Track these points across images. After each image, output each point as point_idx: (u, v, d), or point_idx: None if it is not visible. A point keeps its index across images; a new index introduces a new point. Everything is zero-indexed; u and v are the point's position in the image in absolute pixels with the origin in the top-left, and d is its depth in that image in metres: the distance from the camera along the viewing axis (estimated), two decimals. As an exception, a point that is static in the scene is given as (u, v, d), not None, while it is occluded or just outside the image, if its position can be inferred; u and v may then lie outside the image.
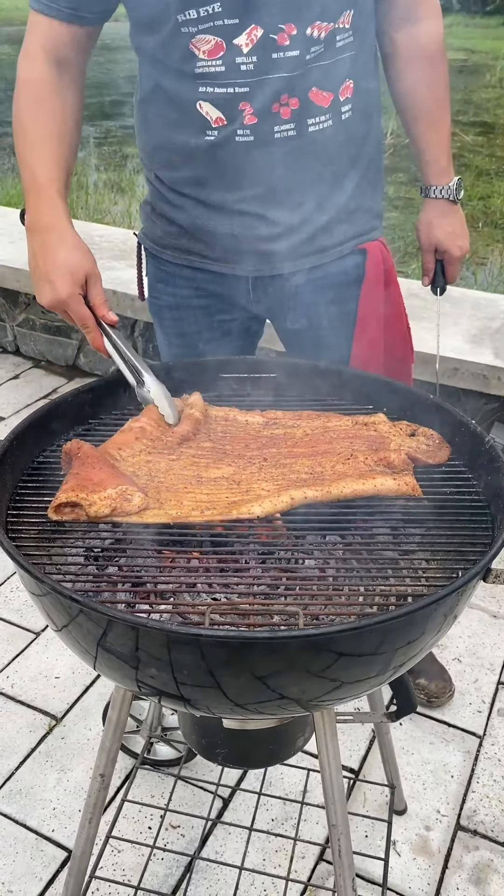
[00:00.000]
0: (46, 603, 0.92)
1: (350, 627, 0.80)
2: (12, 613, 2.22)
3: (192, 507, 1.01)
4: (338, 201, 1.44)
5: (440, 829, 1.70)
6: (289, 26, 1.24)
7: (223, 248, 1.47)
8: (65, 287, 1.24)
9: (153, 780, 1.78)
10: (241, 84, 1.28)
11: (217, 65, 1.28)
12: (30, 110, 1.33)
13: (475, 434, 1.14)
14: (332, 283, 1.51)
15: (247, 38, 1.25)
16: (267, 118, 1.30)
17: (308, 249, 1.46)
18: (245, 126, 1.31)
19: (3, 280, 3.34)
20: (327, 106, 1.33)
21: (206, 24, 1.24)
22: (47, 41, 1.33)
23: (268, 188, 1.38)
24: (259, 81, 1.28)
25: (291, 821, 1.70)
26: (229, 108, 1.31)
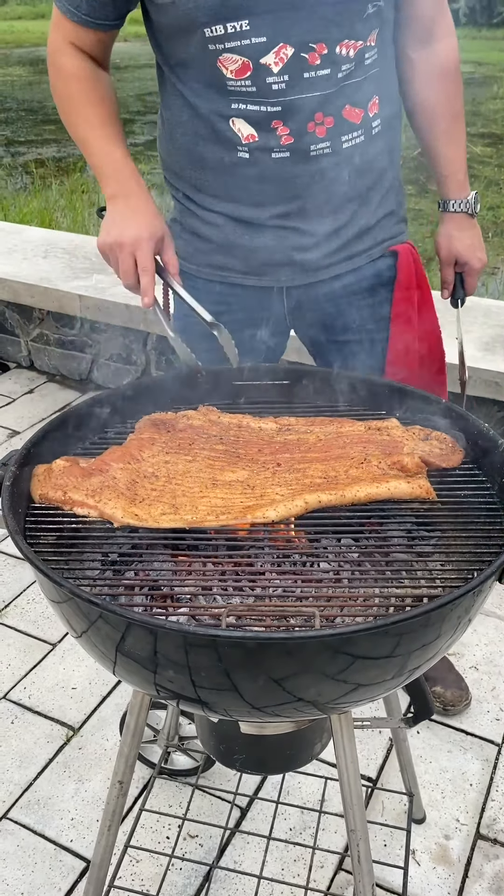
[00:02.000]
0: (66, 609, 0.93)
1: (366, 628, 0.80)
2: (29, 625, 2.23)
3: (208, 512, 1.02)
4: (369, 209, 1.48)
5: (460, 837, 1.69)
6: (319, 45, 1.25)
7: (257, 262, 1.49)
8: (145, 230, 1.29)
9: (171, 789, 1.78)
10: (274, 103, 1.30)
11: (247, 85, 1.29)
12: (86, 98, 1.38)
13: (489, 437, 1.14)
14: (366, 286, 1.54)
15: (275, 58, 1.26)
16: (303, 137, 1.33)
17: (341, 256, 1.49)
18: (282, 146, 1.33)
19: (17, 296, 3.38)
20: (359, 122, 1.36)
21: (233, 43, 1.25)
22: (73, 38, 1.38)
23: (302, 202, 1.40)
24: (292, 101, 1.29)
25: (310, 830, 1.69)
26: (262, 126, 1.32)
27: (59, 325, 3.52)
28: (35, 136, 10.63)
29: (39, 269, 3.40)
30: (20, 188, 7.45)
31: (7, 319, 3.68)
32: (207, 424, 1.23)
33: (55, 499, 1.05)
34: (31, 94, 14.37)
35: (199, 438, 1.19)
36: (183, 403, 1.32)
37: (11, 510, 0.99)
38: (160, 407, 1.30)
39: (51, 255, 3.58)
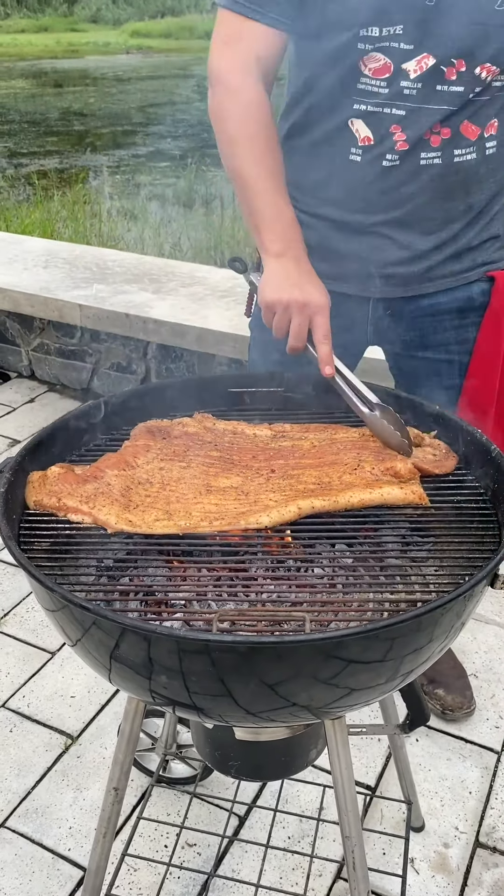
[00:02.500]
0: (61, 617, 0.94)
1: (356, 632, 0.80)
2: (28, 633, 2.23)
3: (201, 518, 1.02)
4: (472, 230, 1.47)
5: (459, 845, 1.68)
6: (459, 62, 1.27)
7: (350, 269, 1.49)
8: (324, 297, 1.30)
9: (169, 798, 1.78)
10: (400, 107, 1.31)
11: (381, 85, 1.30)
12: (264, 138, 1.33)
13: (481, 443, 1.15)
14: (455, 307, 1.52)
15: (416, 65, 1.27)
16: (417, 145, 1.33)
17: (436, 274, 1.48)
18: (395, 151, 1.34)
19: (18, 306, 3.39)
20: (474, 139, 1.36)
21: (383, 44, 1.26)
22: (262, 51, 1.31)
23: (404, 212, 1.40)
24: (418, 109, 1.31)
25: (308, 838, 1.69)
26: (380, 129, 1.33)
27: (60, 334, 3.53)
28: (38, 147, 10.70)
29: (40, 279, 3.42)
30: (22, 199, 7.50)
31: (8, 329, 3.69)
32: (202, 431, 1.24)
33: (50, 505, 1.06)
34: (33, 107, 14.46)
35: (193, 445, 1.20)
36: (179, 411, 1.33)
37: (6, 516, 1.00)
38: (156, 414, 1.30)
39: (51, 265, 3.60)
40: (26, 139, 11.31)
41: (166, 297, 3.23)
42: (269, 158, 1.33)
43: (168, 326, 3.02)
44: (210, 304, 3.14)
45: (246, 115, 1.32)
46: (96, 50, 23.89)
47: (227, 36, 1.32)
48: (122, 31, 27.38)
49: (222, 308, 3.09)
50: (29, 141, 11.13)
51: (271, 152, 1.34)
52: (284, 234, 1.33)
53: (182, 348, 3.12)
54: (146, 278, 3.43)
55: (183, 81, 17.85)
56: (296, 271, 1.31)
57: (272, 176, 1.33)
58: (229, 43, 1.32)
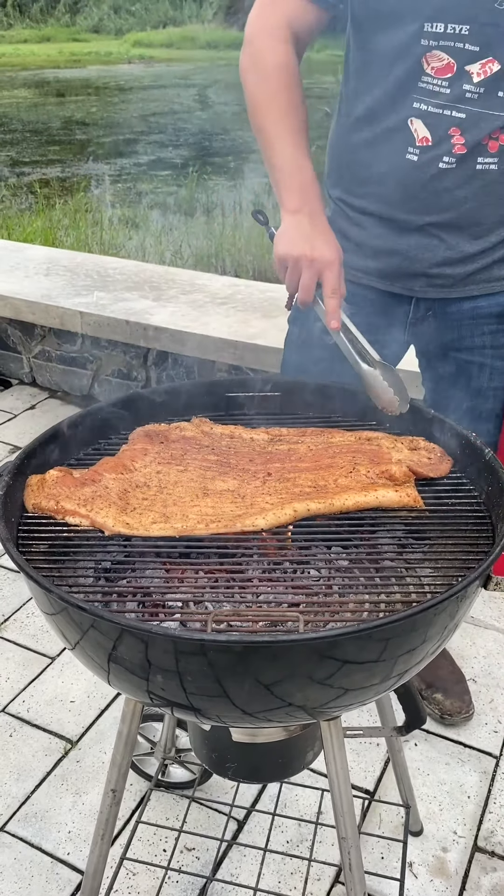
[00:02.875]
0: (59, 620, 0.95)
1: (352, 631, 0.81)
2: (28, 639, 2.24)
3: (198, 521, 1.03)
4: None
5: (457, 850, 1.68)
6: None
7: (394, 267, 1.50)
8: (334, 252, 1.30)
9: (168, 802, 1.78)
10: (461, 110, 1.31)
11: (443, 85, 1.31)
12: (286, 99, 1.35)
13: (475, 447, 1.16)
14: (495, 312, 1.53)
15: (480, 68, 1.28)
16: (475, 149, 1.34)
17: (480, 277, 1.49)
18: (452, 154, 1.34)
19: (19, 313, 3.41)
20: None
21: (447, 42, 1.27)
22: (294, 17, 1.35)
23: (456, 215, 1.41)
24: (479, 114, 1.31)
25: (306, 842, 1.69)
26: (438, 131, 1.34)
27: (61, 341, 3.55)
28: (40, 156, 10.75)
29: (41, 287, 3.44)
30: (24, 208, 7.53)
31: (9, 336, 3.71)
32: (200, 435, 1.25)
33: (48, 508, 1.07)
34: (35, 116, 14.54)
35: (191, 449, 1.21)
36: (176, 416, 1.34)
37: (4, 519, 1.01)
38: (154, 418, 1.32)
39: (52, 272, 3.62)
40: (28, 148, 11.37)
41: (167, 304, 3.24)
42: (291, 116, 1.35)
43: (168, 333, 3.03)
44: (210, 311, 3.16)
45: (269, 75, 1.35)
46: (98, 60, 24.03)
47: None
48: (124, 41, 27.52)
49: (222, 315, 3.11)
50: (31, 150, 11.19)
51: (294, 110, 1.36)
52: (302, 190, 1.34)
53: (182, 355, 3.14)
54: (147, 286, 3.45)
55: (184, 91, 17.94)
56: (309, 226, 1.32)
57: (293, 133, 1.35)
58: (265, 5, 1.37)
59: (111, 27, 30.09)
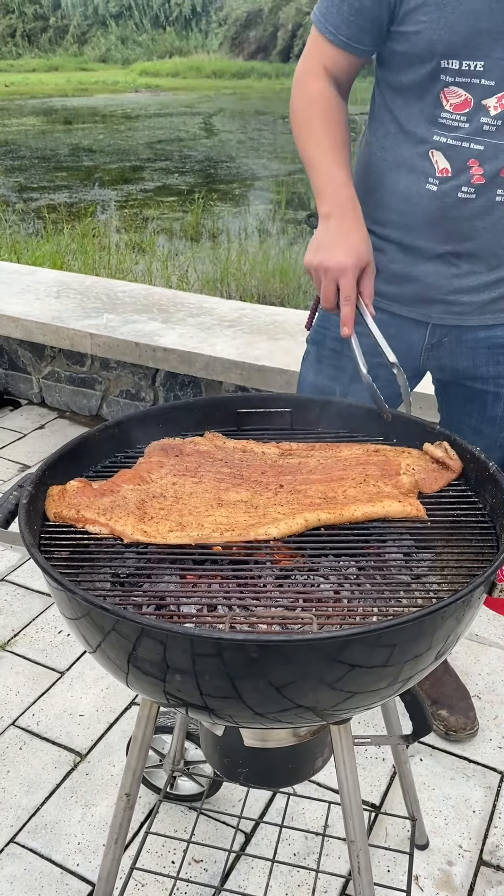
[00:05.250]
0: (82, 624, 0.98)
1: (363, 631, 0.85)
2: (38, 653, 2.27)
3: (213, 529, 1.07)
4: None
5: (463, 864, 1.70)
6: None
7: (412, 293, 1.55)
8: (350, 257, 1.35)
9: (176, 814, 1.80)
10: (479, 142, 1.36)
11: (461, 120, 1.36)
12: (322, 120, 1.45)
13: (480, 460, 1.20)
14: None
15: (497, 102, 1.33)
16: (493, 181, 1.38)
17: (497, 307, 1.53)
18: (471, 184, 1.39)
19: (30, 334, 3.48)
20: None
21: (464, 79, 1.33)
22: (328, 61, 1.45)
23: (474, 244, 1.46)
24: (496, 145, 1.36)
25: (313, 855, 1.71)
26: (457, 162, 1.39)
27: (70, 362, 3.61)
28: (48, 182, 10.92)
29: (52, 309, 3.51)
30: (32, 233, 7.65)
31: (19, 357, 3.77)
32: (213, 449, 1.30)
33: (69, 517, 1.11)
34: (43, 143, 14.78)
35: (205, 462, 1.25)
36: (190, 430, 1.39)
37: (28, 526, 1.05)
38: (169, 433, 1.36)
39: (63, 295, 3.69)
40: (37, 174, 11.55)
41: (175, 326, 3.31)
42: (328, 135, 1.44)
43: (177, 354, 3.09)
44: (218, 333, 3.22)
45: (307, 103, 1.47)
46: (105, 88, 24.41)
47: (308, 47, 1.49)
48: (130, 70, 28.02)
49: (230, 337, 3.17)
50: (39, 176, 11.37)
51: (330, 128, 1.44)
52: (333, 197, 1.40)
53: (190, 376, 3.19)
54: (155, 308, 3.51)
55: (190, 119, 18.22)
56: (335, 232, 1.37)
57: (328, 152, 1.43)
58: (307, 54, 1.49)
59: (118, 57, 30.63)
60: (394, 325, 1.58)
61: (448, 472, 1.20)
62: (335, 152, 1.42)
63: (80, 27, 46.87)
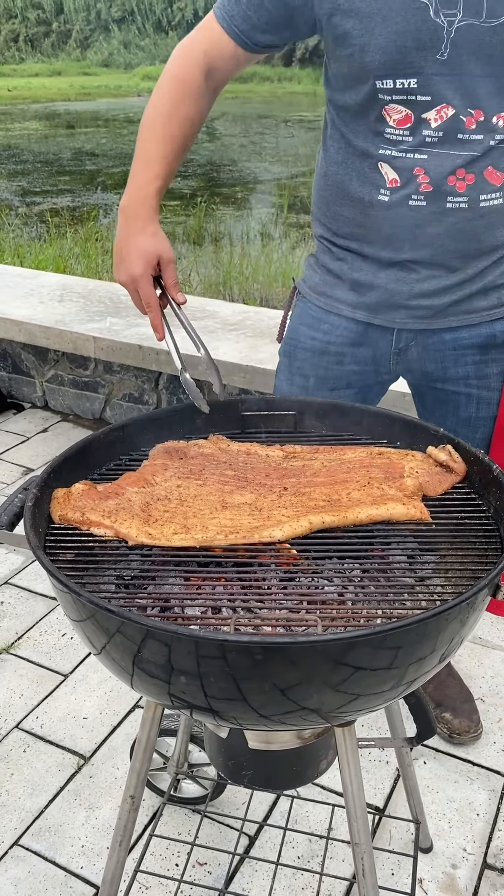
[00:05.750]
0: (87, 626, 0.98)
1: (366, 633, 0.85)
2: (42, 656, 2.27)
3: (217, 532, 1.08)
4: (498, 268, 1.52)
5: (467, 867, 1.70)
6: (477, 112, 1.35)
7: (375, 300, 1.56)
8: (137, 266, 1.36)
9: (180, 817, 1.80)
10: (423, 153, 1.39)
11: (405, 134, 1.39)
12: (170, 107, 1.43)
13: (484, 463, 1.20)
14: (478, 343, 1.57)
15: (436, 115, 1.35)
16: (442, 188, 1.40)
17: (460, 309, 1.54)
18: (420, 193, 1.41)
19: (33, 338, 3.49)
20: (499, 185, 1.42)
21: (401, 97, 1.36)
22: (211, 47, 1.44)
23: (432, 251, 1.47)
24: (439, 155, 1.38)
25: (317, 858, 1.71)
26: (405, 172, 1.41)
27: (74, 366, 3.62)
28: (50, 186, 10.95)
29: (55, 313, 3.52)
30: (35, 237, 7.67)
31: (23, 361, 3.78)
32: (217, 452, 1.30)
33: (74, 519, 1.11)
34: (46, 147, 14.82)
35: (209, 464, 1.26)
36: (194, 433, 1.39)
37: (33, 529, 1.05)
38: (173, 436, 1.37)
39: (66, 298, 3.70)
40: (39, 178, 11.58)
41: (178, 329, 3.30)
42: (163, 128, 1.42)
43: (180, 358, 3.09)
44: (221, 336, 3.22)
45: (167, 87, 1.44)
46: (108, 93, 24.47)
47: (198, 28, 1.47)
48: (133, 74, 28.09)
49: (232, 340, 3.18)
50: (42, 180, 11.40)
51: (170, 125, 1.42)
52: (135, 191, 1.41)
53: (193, 378, 3.19)
54: (158, 312, 3.51)
55: (192, 123, 18.20)
56: (123, 238, 1.39)
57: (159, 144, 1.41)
58: (194, 35, 1.46)
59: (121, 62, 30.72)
60: (360, 331, 1.61)
61: (452, 475, 1.21)
62: (165, 145, 1.42)
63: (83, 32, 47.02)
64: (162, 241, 1.39)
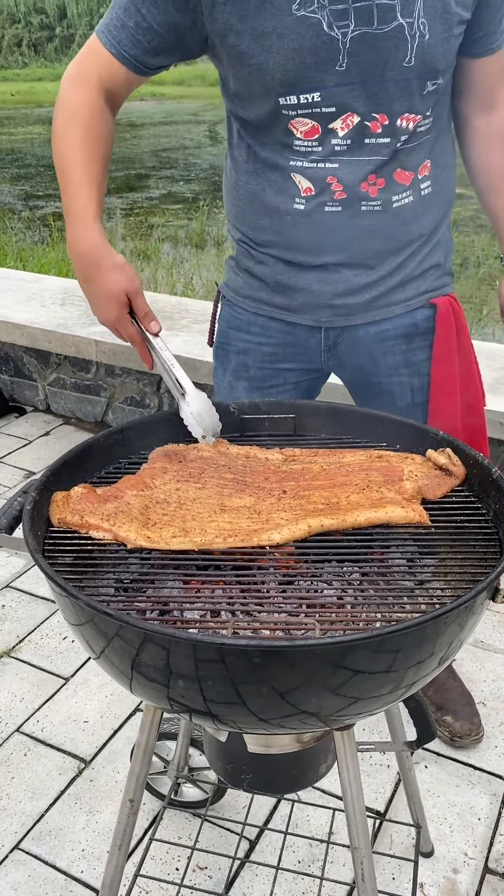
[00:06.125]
0: (86, 630, 0.98)
1: (364, 637, 0.85)
2: (42, 660, 2.27)
3: (216, 535, 1.08)
4: (413, 262, 1.56)
5: (468, 871, 1.69)
6: (381, 116, 1.37)
7: (300, 301, 1.58)
8: (111, 311, 1.36)
9: (180, 821, 1.80)
10: (333, 161, 1.40)
11: (314, 145, 1.40)
12: (80, 133, 1.38)
13: (483, 466, 1.20)
14: (402, 333, 1.61)
15: (342, 123, 1.37)
16: (355, 194, 1.42)
17: (381, 303, 1.57)
18: (335, 200, 1.43)
19: (35, 342, 3.49)
20: (408, 184, 1.46)
21: (305, 110, 1.36)
22: (105, 72, 1.40)
23: (350, 252, 1.49)
24: (350, 161, 1.40)
25: (318, 862, 1.70)
26: (318, 181, 1.42)
27: (76, 369, 3.62)
28: (53, 190, 10.96)
29: (57, 316, 3.52)
30: (38, 240, 7.68)
31: (25, 364, 3.79)
32: (217, 455, 1.30)
33: (73, 523, 1.11)
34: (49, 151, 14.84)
35: (208, 468, 1.26)
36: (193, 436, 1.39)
37: (32, 532, 1.05)
38: (172, 439, 1.37)
39: (68, 302, 3.70)
40: (42, 182, 11.60)
41: (179, 333, 3.32)
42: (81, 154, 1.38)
43: (181, 361, 3.09)
44: (222, 339, 3.22)
45: (72, 114, 1.39)
46: (111, 97, 24.54)
47: (86, 52, 1.42)
48: (136, 79, 28.17)
49: (234, 344, 3.17)
50: (45, 184, 11.42)
51: (87, 146, 1.38)
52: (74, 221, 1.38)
53: (194, 382, 3.19)
54: (160, 315, 3.52)
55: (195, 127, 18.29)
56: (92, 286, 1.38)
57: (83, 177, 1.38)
58: (83, 60, 1.42)
59: (124, 66, 30.85)
60: (289, 332, 1.64)
61: (451, 478, 1.21)
62: (87, 169, 1.38)
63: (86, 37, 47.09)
64: (126, 274, 1.36)
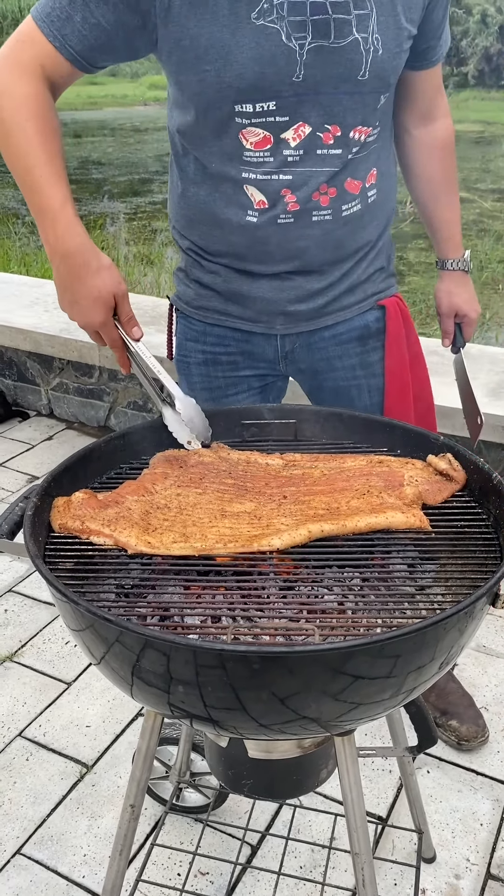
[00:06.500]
0: (87, 635, 0.99)
1: (364, 643, 0.85)
2: (45, 664, 2.28)
3: (216, 540, 1.08)
4: (361, 267, 1.60)
5: (470, 877, 1.69)
6: (334, 128, 1.38)
7: (254, 310, 1.60)
8: (97, 314, 1.31)
9: (182, 826, 1.80)
10: (287, 173, 1.41)
11: (266, 155, 1.40)
12: (35, 126, 1.27)
13: (483, 471, 1.20)
14: (355, 336, 1.65)
15: (294, 133, 1.37)
16: (307, 205, 1.44)
17: (333, 308, 1.61)
18: (288, 212, 1.44)
19: (38, 346, 3.50)
20: (357, 193, 1.48)
21: (259, 119, 1.36)
22: (47, 63, 1.31)
23: (301, 261, 1.52)
24: (302, 172, 1.41)
25: (319, 867, 1.70)
26: (272, 194, 1.43)
27: (79, 374, 3.63)
28: (57, 195, 10.98)
29: (60, 321, 3.53)
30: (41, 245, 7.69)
31: (28, 369, 3.80)
32: (217, 460, 1.30)
33: (73, 528, 1.12)
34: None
35: (209, 473, 1.26)
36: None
37: (33, 537, 1.06)
38: (173, 445, 1.37)
39: (71, 307, 3.70)
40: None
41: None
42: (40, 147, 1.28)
43: (184, 366, 3.10)
44: (224, 344, 3.22)
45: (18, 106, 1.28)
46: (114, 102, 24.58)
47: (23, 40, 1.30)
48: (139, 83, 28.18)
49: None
50: (49, 189, 11.44)
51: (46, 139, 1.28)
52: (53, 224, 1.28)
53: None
54: (163, 320, 3.51)
55: (198, 132, 18.30)
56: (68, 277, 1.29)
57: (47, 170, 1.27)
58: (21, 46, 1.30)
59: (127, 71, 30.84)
60: (245, 340, 1.65)
61: (452, 483, 1.21)
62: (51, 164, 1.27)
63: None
64: (114, 276, 1.29)
